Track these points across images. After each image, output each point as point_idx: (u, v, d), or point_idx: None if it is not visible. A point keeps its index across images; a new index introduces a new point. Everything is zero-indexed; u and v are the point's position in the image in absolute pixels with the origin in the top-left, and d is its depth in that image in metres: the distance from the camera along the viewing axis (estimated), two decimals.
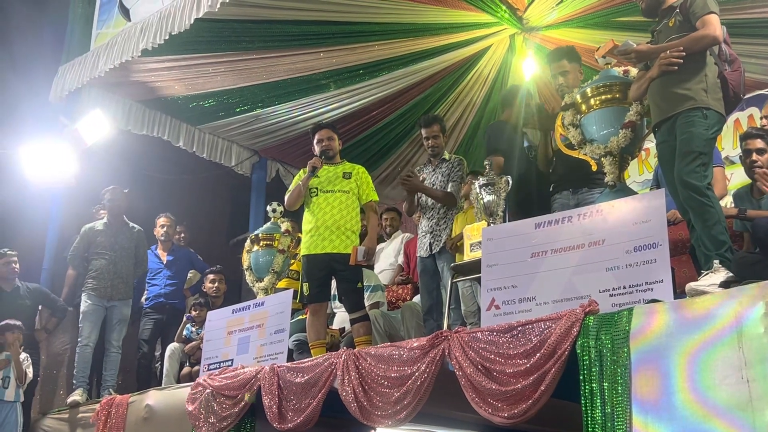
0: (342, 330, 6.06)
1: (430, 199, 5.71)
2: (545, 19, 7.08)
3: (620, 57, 4.08)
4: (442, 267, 5.50)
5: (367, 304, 6.09)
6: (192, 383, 5.37)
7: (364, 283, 5.66)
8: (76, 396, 6.40)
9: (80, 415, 6.26)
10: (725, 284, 3.31)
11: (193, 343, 6.63)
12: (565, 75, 4.83)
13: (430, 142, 5.80)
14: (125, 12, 7.24)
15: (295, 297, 5.58)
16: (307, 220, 5.53)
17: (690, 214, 3.76)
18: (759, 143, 4.30)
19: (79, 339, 6.67)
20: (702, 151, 3.71)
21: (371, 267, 6.78)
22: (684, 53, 3.83)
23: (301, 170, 5.69)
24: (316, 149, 5.67)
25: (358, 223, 5.57)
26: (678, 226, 4.69)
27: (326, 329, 5.63)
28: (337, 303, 6.20)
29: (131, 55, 6.84)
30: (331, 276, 5.48)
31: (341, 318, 6.14)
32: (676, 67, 3.85)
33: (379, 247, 6.76)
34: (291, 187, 5.70)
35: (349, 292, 5.41)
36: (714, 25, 3.80)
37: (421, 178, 5.79)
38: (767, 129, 4.46)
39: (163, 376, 6.65)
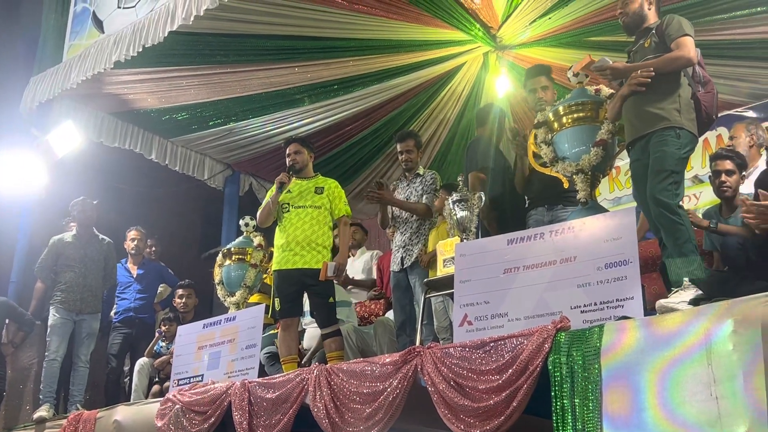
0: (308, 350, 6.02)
1: (403, 213, 5.72)
2: (518, 37, 7.16)
3: (596, 73, 4.13)
4: (414, 282, 5.51)
5: None
6: (161, 398, 5.31)
7: (335, 298, 5.65)
8: (43, 412, 6.27)
9: (47, 431, 6.14)
10: (695, 302, 3.35)
11: (163, 357, 6.57)
12: (544, 90, 4.91)
13: (404, 156, 5.83)
14: (99, 24, 7.21)
15: (266, 312, 5.55)
16: (279, 235, 5.50)
17: (661, 231, 3.81)
18: (728, 164, 4.37)
19: (46, 353, 6.55)
20: (674, 169, 3.77)
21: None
22: (653, 73, 3.90)
23: (274, 186, 5.67)
24: (287, 163, 5.66)
25: (330, 238, 5.56)
26: (647, 243, 4.75)
27: (298, 345, 5.60)
28: (307, 319, 6.15)
29: (104, 67, 6.80)
30: (303, 291, 5.45)
31: (311, 334, 6.09)
32: (644, 88, 3.92)
33: None
34: (262, 204, 5.68)
35: (320, 307, 5.39)
36: (688, 47, 3.88)
37: (394, 193, 5.81)
38: (736, 150, 4.53)
39: (132, 391, 6.57)
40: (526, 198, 5.18)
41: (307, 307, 5.78)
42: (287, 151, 5.67)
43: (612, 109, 4.24)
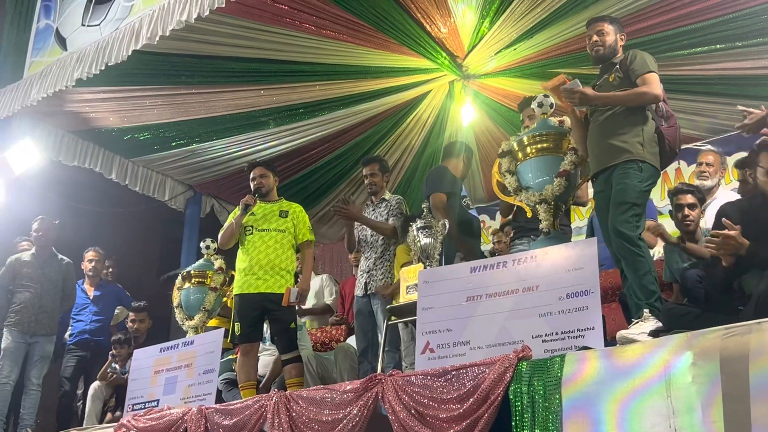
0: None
1: (369, 236, 5.70)
2: (484, 67, 7.23)
3: (564, 95, 4.17)
4: (376, 308, 5.49)
5: None
6: (115, 424, 5.18)
7: (296, 323, 5.60)
8: None
9: None
10: (654, 333, 3.38)
11: (114, 376, 6.43)
12: (531, 119, 4.98)
13: (368, 180, 5.85)
14: (62, 41, 7.11)
15: (225, 336, 5.46)
16: (241, 258, 5.44)
17: (622, 262, 3.85)
18: (690, 198, 4.45)
19: None
20: (635, 202, 3.83)
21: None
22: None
23: (237, 207, 5.62)
24: (251, 187, 5.63)
25: (293, 262, 5.51)
26: (607, 274, 4.80)
27: (257, 370, 5.52)
28: (261, 346, 6.04)
29: (65, 84, 6.68)
30: (264, 316, 5.39)
31: (264, 362, 5.99)
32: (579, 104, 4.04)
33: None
34: (225, 225, 5.62)
35: (281, 332, 5.32)
36: (655, 84, 3.97)
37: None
38: (696, 185, 4.61)
39: (85, 415, 6.41)
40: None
41: (265, 333, 5.71)
42: (252, 175, 5.63)
43: (575, 134, 4.30)
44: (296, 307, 5.50)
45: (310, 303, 6.81)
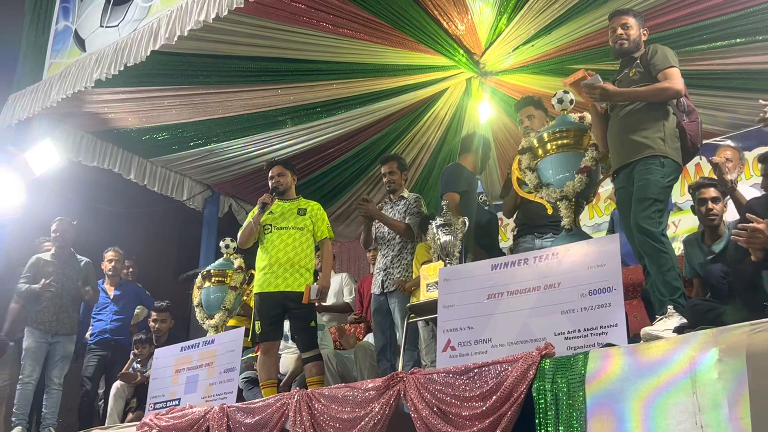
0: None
1: (386, 234, 5.70)
2: (501, 64, 7.21)
3: (585, 90, 4.14)
4: (393, 306, 5.47)
5: None
6: (138, 423, 5.21)
7: (317, 321, 5.60)
8: None
9: None
10: (679, 330, 3.35)
11: (138, 377, 6.46)
12: (531, 119, 4.97)
13: (387, 178, 5.85)
14: (80, 42, 7.16)
15: (246, 335, 5.48)
16: (260, 257, 5.45)
17: (645, 258, 3.82)
18: (713, 192, 4.41)
19: (20, 376, 6.44)
20: (658, 198, 3.80)
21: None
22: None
23: (255, 207, 5.64)
24: (269, 185, 5.64)
25: (312, 260, 5.52)
26: (629, 270, 4.76)
27: (278, 369, 5.53)
28: (282, 344, 6.06)
29: (84, 86, 6.73)
30: (284, 314, 5.40)
31: (286, 361, 6.01)
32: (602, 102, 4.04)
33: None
34: (244, 225, 5.64)
35: (301, 330, 5.33)
36: (677, 79, 3.94)
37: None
38: (721, 177, 4.56)
39: (107, 415, 6.45)
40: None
41: (285, 331, 5.72)
42: (270, 174, 5.65)
43: (596, 131, 4.27)
44: (316, 305, 5.51)
45: (329, 301, 6.82)
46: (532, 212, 4.93)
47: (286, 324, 5.60)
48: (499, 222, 6.98)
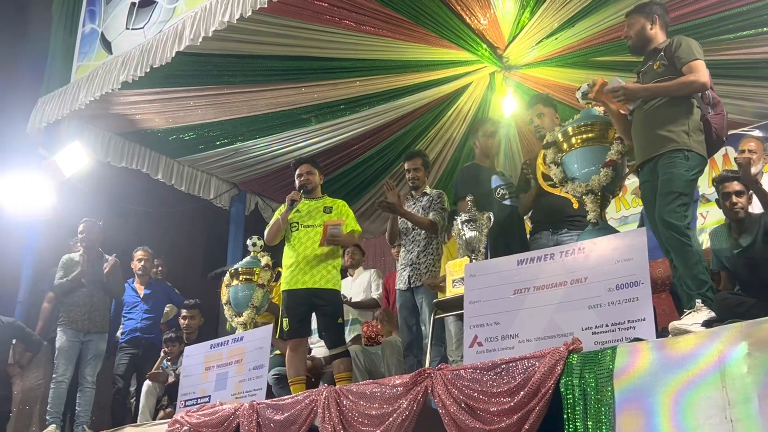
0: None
1: (410, 229, 5.70)
2: (525, 57, 7.18)
3: (610, 95, 4.12)
4: (420, 302, 5.48)
5: (348, 338, 6.06)
6: (169, 420, 5.28)
7: (344, 318, 5.64)
8: None
9: None
10: (708, 323, 3.33)
11: (167, 377, 6.54)
12: (540, 117, 4.95)
13: (411, 174, 5.85)
14: (107, 45, 7.25)
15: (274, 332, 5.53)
16: (288, 254, 5.50)
17: (671, 253, 3.79)
18: (737, 185, 4.36)
19: (53, 375, 6.53)
20: (683, 191, 3.76)
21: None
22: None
23: (282, 205, 5.68)
24: (296, 183, 5.67)
25: (339, 258, 5.56)
26: (656, 264, 4.73)
27: (306, 366, 5.58)
28: (313, 338, 6.13)
29: (111, 88, 6.83)
30: (312, 311, 5.44)
31: (320, 353, 6.08)
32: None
33: (343, 284, 6.63)
34: (271, 222, 5.68)
35: (329, 327, 5.37)
36: (702, 72, 3.89)
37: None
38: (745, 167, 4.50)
39: (139, 412, 6.53)
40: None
41: (314, 325, 5.76)
42: (298, 171, 5.68)
43: (618, 126, 4.25)
44: (342, 303, 5.55)
45: (358, 297, 6.86)
46: (547, 209, 4.90)
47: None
48: None
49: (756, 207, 4.63)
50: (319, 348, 6.09)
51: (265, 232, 5.68)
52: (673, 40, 4.06)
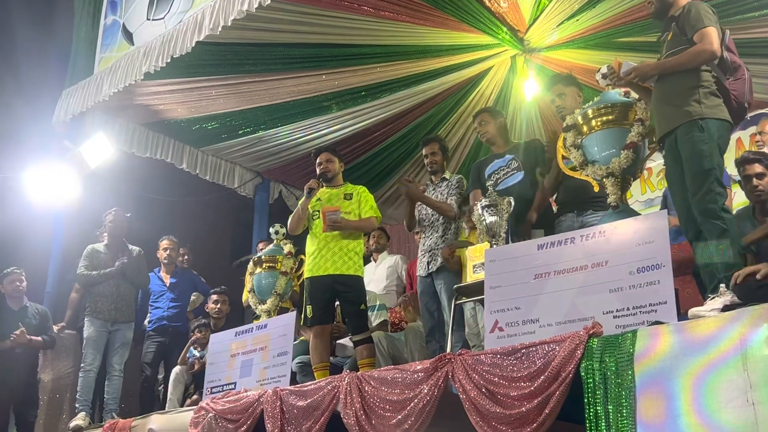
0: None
1: (430, 215, 5.70)
2: (546, 40, 7.12)
3: (626, 80, 4.07)
4: (440, 288, 5.47)
5: (374, 323, 6.08)
6: (195, 407, 5.35)
7: (368, 304, 5.66)
8: (79, 420, 6.37)
9: None
10: (727, 308, 3.27)
11: (196, 360, 6.61)
12: (562, 97, 4.89)
13: (429, 159, 5.84)
14: (128, 36, 7.31)
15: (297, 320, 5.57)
16: (310, 242, 5.52)
17: (706, 235, 3.69)
18: (758, 168, 4.28)
19: (82, 365, 6.63)
20: (708, 168, 3.64)
21: None
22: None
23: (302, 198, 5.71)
24: (317, 172, 5.69)
25: (360, 244, 5.57)
26: (680, 246, 4.67)
27: (329, 352, 5.61)
28: None
29: (134, 79, 6.89)
30: (335, 298, 5.46)
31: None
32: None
33: (366, 269, 6.65)
34: (294, 212, 5.71)
35: (352, 314, 5.39)
36: (711, 40, 3.74)
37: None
38: (764, 152, 4.42)
39: (167, 400, 6.62)
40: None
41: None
42: (318, 160, 5.69)
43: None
44: (365, 289, 5.56)
45: (381, 284, 6.89)
46: (572, 190, 4.86)
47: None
48: None
49: None
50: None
51: (288, 222, 5.71)
52: (685, 7, 3.91)
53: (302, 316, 5.56)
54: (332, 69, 7.38)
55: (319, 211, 5.49)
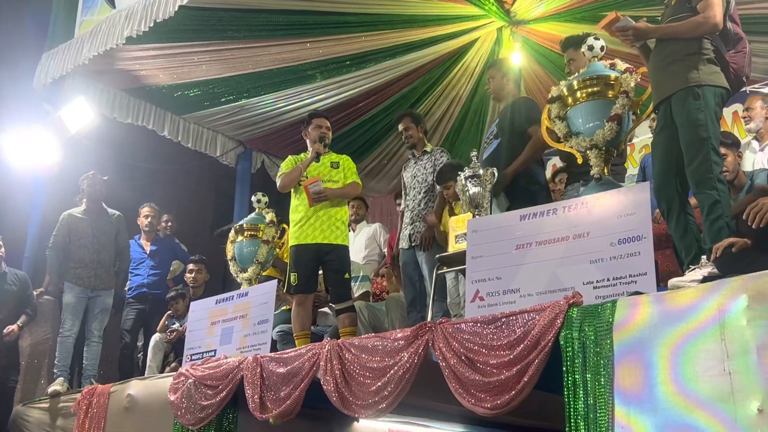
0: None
1: (411, 189, 5.71)
2: (532, 12, 7.10)
3: (618, 33, 4.03)
4: (421, 259, 5.50)
5: (356, 294, 6.09)
6: (174, 373, 5.34)
7: (352, 274, 5.66)
8: (57, 386, 6.34)
9: (61, 404, 6.21)
10: (706, 280, 3.29)
11: (174, 331, 6.60)
12: (571, 63, 4.86)
13: (404, 135, 5.86)
14: None
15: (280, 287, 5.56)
16: (295, 209, 5.49)
17: (698, 203, 3.69)
18: (721, 149, 4.28)
19: (60, 330, 6.60)
20: (704, 136, 3.62)
21: None
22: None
23: (289, 156, 5.65)
24: (312, 135, 5.60)
25: (346, 213, 5.56)
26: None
27: (311, 321, 5.61)
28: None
29: (116, 43, 6.80)
30: (319, 266, 5.44)
31: None
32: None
33: None
34: (284, 170, 5.60)
35: (336, 282, 5.38)
36: (715, 11, 3.69)
37: (404, 172, 5.80)
38: (727, 132, 4.40)
39: (146, 367, 6.61)
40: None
41: None
42: (317, 123, 5.63)
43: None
44: (349, 258, 5.55)
45: (361, 253, 6.88)
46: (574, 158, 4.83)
47: None
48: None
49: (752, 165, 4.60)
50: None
51: (280, 177, 5.61)
52: None
53: (286, 283, 5.55)
54: (317, 37, 7.32)
55: (306, 177, 5.43)
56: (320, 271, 5.57)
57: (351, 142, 8.82)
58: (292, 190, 5.53)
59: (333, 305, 5.53)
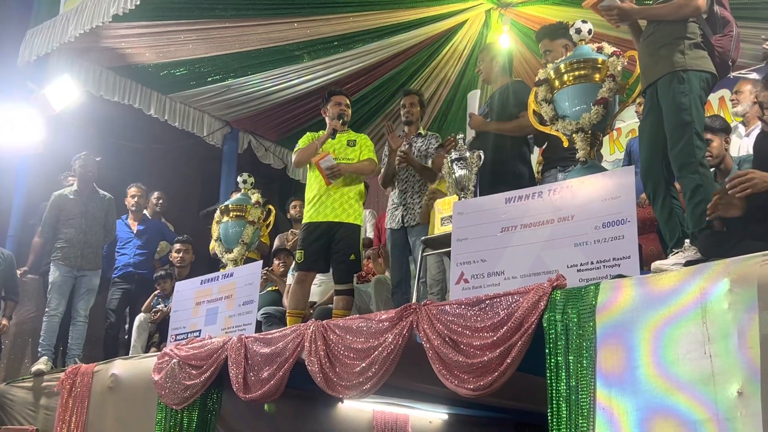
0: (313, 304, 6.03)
1: (404, 170, 5.68)
2: None
3: (603, 12, 4.02)
4: (413, 241, 5.48)
5: None
6: (158, 353, 5.34)
7: (357, 256, 5.63)
8: (41, 365, 6.33)
9: (45, 383, 6.19)
10: (689, 264, 3.31)
11: (159, 312, 6.59)
12: (547, 54, 4.84)
13: (406, 109, 5.79)
14: None
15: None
16: (310, 187, 5.47)
17: (682, 187, 3.71)
18: (706, 134, 4.29)
19: (46, 309, 6.57)
20: (688, 120, 3.63)
21: None
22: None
23: (307, 133, 5.63)
24: (331, 111, 5.56)
25: (361, 190, 5.53)
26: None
27: (307, 300, 5.59)
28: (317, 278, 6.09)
29: (101, 21, 6.72)
30: (328, 246, 5.40)
31: (315, 292, 6.09)
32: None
33: None
34: (300, 146, 5.55)
35: (340, 262, 5.34)
36: None
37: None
38: (715, 116, 4.40)
39: (131, 346, 6.60)
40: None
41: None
42: (337, 100, 5.59)
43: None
44: (359, 239, 5.53)
45: None
46: (554, 144, 4.83)
47: None
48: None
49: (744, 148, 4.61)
50: (317, 288, 6.11)
51: (295, 153, 5.58)
52: None
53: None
54: (305, 17, 7.27)
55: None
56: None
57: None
58: (307, 166, 5.50)
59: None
